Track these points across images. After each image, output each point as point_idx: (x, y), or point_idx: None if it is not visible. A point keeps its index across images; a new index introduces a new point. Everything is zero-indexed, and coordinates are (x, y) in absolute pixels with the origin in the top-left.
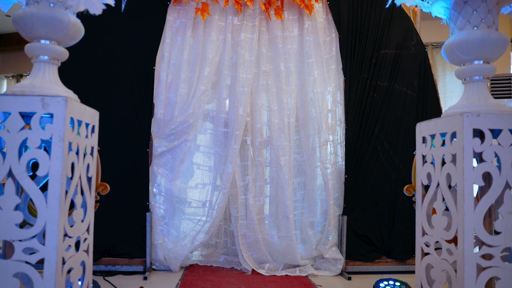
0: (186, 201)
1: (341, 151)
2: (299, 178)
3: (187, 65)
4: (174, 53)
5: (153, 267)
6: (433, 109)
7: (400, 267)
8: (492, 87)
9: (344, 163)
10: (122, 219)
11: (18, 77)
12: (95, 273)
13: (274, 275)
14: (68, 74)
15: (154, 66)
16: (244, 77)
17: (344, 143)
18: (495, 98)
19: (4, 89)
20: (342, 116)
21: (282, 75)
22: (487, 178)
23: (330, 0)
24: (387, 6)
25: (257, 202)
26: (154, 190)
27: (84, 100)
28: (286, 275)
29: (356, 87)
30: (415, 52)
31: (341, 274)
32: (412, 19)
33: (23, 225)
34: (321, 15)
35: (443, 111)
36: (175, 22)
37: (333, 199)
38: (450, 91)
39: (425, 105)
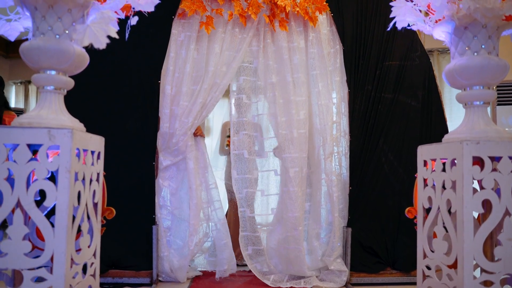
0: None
1: (345, 162)
2: (307, 189)
3: (189, 78)
4: (178, 66)
5: (160, 279)
6: (437, 121)
7: (405, 278)
8: (499, 94)
9: (348, 175)
10: (129, 232)
11: (26, 83)
12: (102, 285)
13: (279, 287)
14: (75, 90)
15: (159, 80)
16: (247, 86)
17: (349, 154)
18: (502, 105)
19: (13, 95)
20: (347, 128)
21: (289, 86)
22: (487, 204)
23: (334, 12)
24: (388, 29)
25: (265, 213)
26: (160, 202)
27: (91, 115)
28: (291, 287)
29: (360, 99)
30: (419, 63)
31: (345, 285)
32: None
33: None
34: (325, 26)
35: (447, 123)
36: (179, 35)
37: (338, 210)
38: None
39: (429, 116)
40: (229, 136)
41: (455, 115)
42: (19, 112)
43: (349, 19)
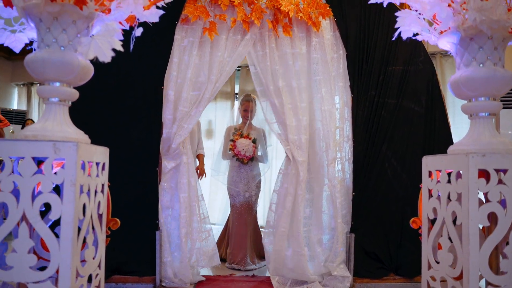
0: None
1: (348, 168)
2: (307, 195)
3: (189, 83)
4: (181, 72)
5: (163, 284)
6: (441, 126)
7: (408, 284)
8: (502, 97)
9: (351, 180)
10: (132, 237)
11: (29, 85)
12: None
13: None
14: (80, 102)
15: (163, 86)
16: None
17: (352, 160)
18: (506, 108)
19: (16, 97)
20: (350, 133)
21: (294, 92)
22: (493, 216)
23: (337, 17)
24: (393, 39)
25: (269, 217)
26: (163, 206)
27: (96, 127)
28: None
29: (363, 104)
30: (422, 68)
31: None
32: None
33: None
34: (328, 32)
35: (450, 128)
36: (183, 41)
37: (341, 216)
38: (460, 100)
39: (433, 121)
40: (232, 140)
41: (458, 119)
42: (22, 113)
43: (353, 24)
